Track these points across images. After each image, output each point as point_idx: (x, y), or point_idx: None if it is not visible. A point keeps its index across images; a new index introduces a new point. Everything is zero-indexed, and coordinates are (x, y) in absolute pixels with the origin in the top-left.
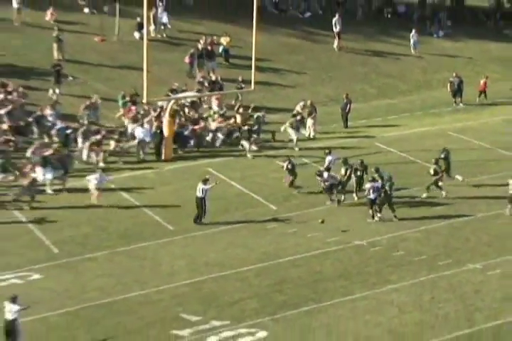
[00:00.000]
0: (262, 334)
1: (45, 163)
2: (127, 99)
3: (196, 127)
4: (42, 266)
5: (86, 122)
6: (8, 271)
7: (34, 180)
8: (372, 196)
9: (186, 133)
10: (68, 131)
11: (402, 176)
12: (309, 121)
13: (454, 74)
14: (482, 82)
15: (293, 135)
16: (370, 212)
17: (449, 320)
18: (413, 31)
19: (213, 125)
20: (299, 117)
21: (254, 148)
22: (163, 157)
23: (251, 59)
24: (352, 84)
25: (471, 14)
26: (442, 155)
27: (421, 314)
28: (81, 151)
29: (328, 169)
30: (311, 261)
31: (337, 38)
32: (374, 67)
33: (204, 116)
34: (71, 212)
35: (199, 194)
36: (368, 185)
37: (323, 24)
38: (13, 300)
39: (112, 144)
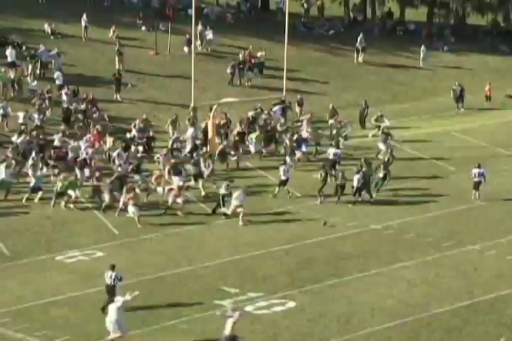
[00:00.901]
0: (291, 304)
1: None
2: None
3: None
4: (104, 245)
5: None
6: (75, 249)
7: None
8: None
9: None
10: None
11: (412, 170)
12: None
13: (457, 83)
14: (487, 88)
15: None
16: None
17: (452, 293)
18: (422, 46)
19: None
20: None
21: None
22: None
23: (283, 70)
24: (369, 92)
25: (472, 31)
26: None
27: (427, 288)
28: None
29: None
30: (334, 242)
31: (361, 52)
32: (388, 76)
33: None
34: None
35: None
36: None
37: (344, 40)
38: (113, 267)
39: None
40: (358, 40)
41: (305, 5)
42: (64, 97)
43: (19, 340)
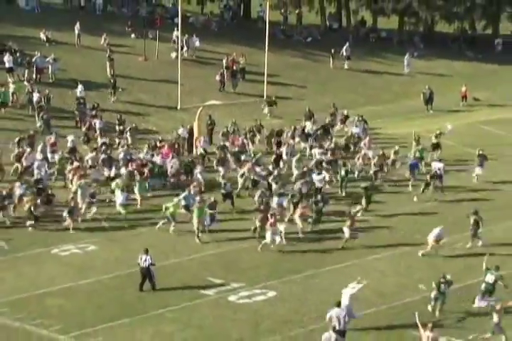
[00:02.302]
0: (272, 293)
1: None
2: None
3: None
4: (97, 239)
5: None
6: (69, 243)
7: None
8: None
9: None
10: None
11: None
12: (308, 124)
13: (427, 87)
14: (463, 89)
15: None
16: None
17: (422, 283)
18: (407, 55)
19: None
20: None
21: None
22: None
23: (263, 74)
24: (344, 95)
25: (440, 38)
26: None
27: (399, 278)
28: None
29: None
30: (312, 237)
31: (347, 60)
32: (362, 81)
33: None
34: None
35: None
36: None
37: (321, 47)
38: (146, 251)
39: None
40: (344, 48)
41: (284, 14)
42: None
43: (17, 329)
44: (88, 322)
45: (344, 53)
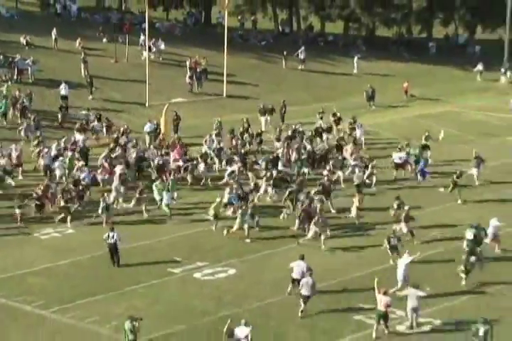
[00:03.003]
0: (232, 271)
1: None
2: None
3: None
4: (74, 223)
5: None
6: (49, 226)
7: None
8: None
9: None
10: None
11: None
12: (264, 118)
13: (369, 85)
14: (405, 85)
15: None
16: None
17: (366, 260)
18: (355, 57)
19: None
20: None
21: None
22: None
23: (223, 75)
24: (295, 93)
25: (380, 42)
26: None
27: (346, 256)
28: None
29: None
30: (268, 221)
31: (302, 62)
32: (311, 80)
33: None
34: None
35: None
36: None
37: (274, 49)
38: (112, 229)
39: None
40: (300, 52)
41: (241, 20)
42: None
43: (2, 304)
44: (67, 298)
45: (300, 56)
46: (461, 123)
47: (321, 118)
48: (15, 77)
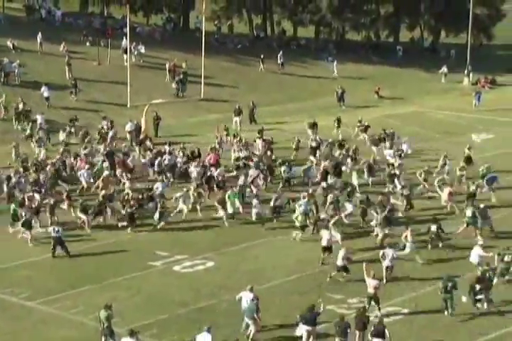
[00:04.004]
0: (211, 264)
1: None
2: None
3: None
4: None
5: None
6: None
7: None
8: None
9: None
10: None
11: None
12: (236, 119)
13: (339, 86)
14: (377, 88)
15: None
16: None
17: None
18: (335, 62)
19: None
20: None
21: None
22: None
23: (201, 77)
24: (269, 94)
25: (350, 45)
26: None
27: (318, 250)
28: None
29: None
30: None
31: (281, 66)
32: (285, 81)
33: None
34: None
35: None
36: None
37: (249, 53)
38: (57, 223)
39: None
40: (279, 56)
41: (218, 24)
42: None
43: None
44: (53, 290)
45: (279, 60)
46: (426, 123)
47: (338, 126)
48: (2, 79)
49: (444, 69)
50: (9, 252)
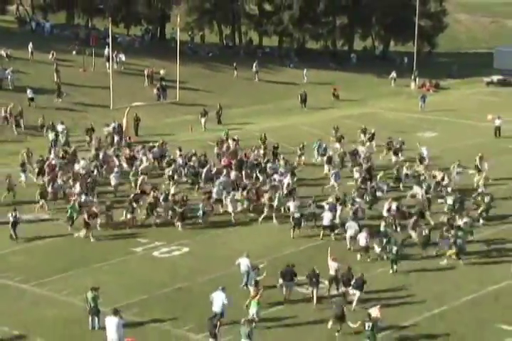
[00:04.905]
0: (186, 249)
1: None
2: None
3: None
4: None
5: None
6: (29, 214)
7: None
8: None
9: None
10: None
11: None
12: (202, 120)
13: (302, 90)
14: (333, 89)
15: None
16: None
17: (299, 239)
18: (305, 70)
19: None
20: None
21: None
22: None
23: (176, 81)
24: (238, 97)
25: (310, 53)
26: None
27: (282, 236)
28: None
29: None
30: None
31: (256, 74)
32: (253, 86)
33: None
34: None
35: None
36: None
37: (220, 60)
38: (14, 209)
39: None
40: (254, 65)
41: (191, 35)
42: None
43: None
44: (44, 274)
45: (254, 69)
46: (379, 122)
47: (340, 140)
48: None
49: (394, 74)
50: (2, 240)
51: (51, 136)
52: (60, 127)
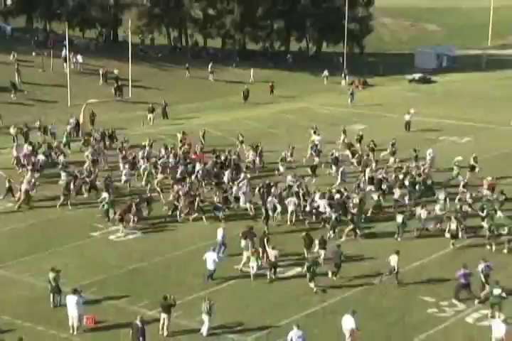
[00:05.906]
0: (140, 234)
1: None
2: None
3: None
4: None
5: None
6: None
7: None
8: None
9: None
10: None
11: (212, 144)
12: (150, 115)
13: (245, 87)
14: (269, 85)
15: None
16: None
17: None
18: (252, 70)
19: None
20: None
21: None
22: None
23: (129, 80)
24: (185, 94)
25: (251, 54)
26: None
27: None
28: None
29: None
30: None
31: (211, 74)
32: (199, 84)
33: None
34: None
35: None
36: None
37: (169, 60)
38: None
39: None
40: (210, 66)
41: (142, 37)
42: None
43: None
44: (7, 257)
45: (210, 69)
46: (314, 116)
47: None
48: None
49: (326, 73)
50: None
51: (13, 131)
52: (51, 127)
